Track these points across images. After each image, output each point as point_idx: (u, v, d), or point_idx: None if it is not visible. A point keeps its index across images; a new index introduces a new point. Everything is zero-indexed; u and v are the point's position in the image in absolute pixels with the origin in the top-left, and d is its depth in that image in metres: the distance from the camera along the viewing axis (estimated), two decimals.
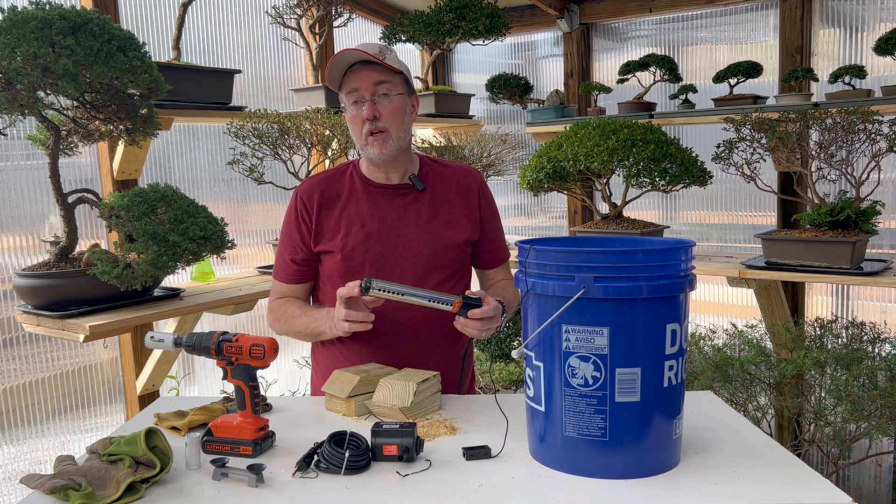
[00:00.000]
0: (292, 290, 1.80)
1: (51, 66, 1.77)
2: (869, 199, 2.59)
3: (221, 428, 1.36)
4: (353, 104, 1.66)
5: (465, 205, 1.78)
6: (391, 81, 1.66)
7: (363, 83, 1.64)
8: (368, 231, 1.72)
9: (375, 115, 1.64)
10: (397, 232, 1.72)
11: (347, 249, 1.71)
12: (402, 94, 1.69)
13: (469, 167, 1.86)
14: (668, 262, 1.20)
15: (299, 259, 1.77)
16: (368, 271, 1.71)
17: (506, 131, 4.08)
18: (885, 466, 3.21)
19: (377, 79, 1.64)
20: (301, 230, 1.76)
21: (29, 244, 2.44)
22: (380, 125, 1.65)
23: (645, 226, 2.99)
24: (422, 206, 1.75)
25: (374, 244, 1.71)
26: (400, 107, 1.68)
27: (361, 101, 1.65)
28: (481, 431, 1.43)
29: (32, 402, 2.47)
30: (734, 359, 2.77)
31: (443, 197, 1.77)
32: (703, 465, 1.25)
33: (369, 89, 1.64)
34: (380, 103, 1.64)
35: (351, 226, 1.73)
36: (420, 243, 1.72)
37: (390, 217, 1.73)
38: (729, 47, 3.52)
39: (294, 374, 3.48)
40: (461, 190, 1.79)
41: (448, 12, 3.39)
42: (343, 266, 1.72)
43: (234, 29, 3.16)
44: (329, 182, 1.78)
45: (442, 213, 1.76)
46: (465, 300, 1.52)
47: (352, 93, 1.65)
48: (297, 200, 1.77)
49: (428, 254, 1.72)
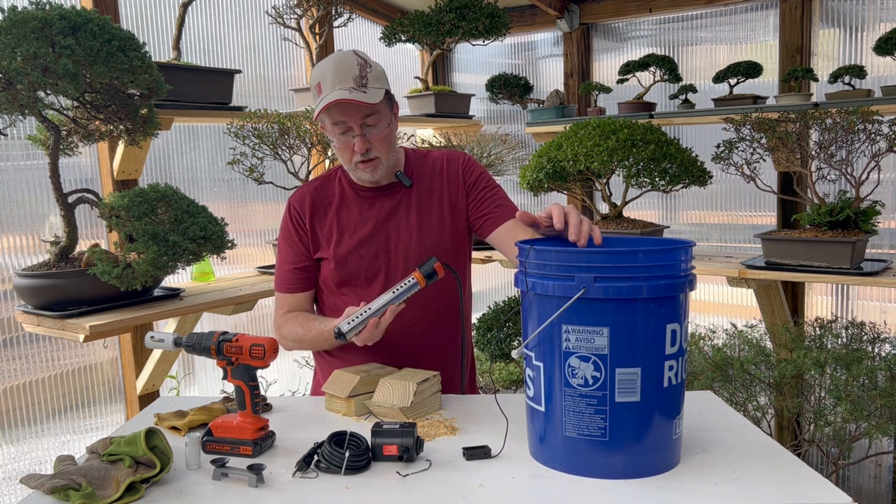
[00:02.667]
0: (297, 299, 1.79)
1: (51, 66, 1.77)
2: (869, 199, 2.59)
3: (221, 428, 1.36)
4: (342, 134, 1.63)
5: (453, 189, 1.76)
6: (378, 112, 1.61)
7: (350, 118, 1.60)
8: (361, 236, 1.72)
9: (368, 147, 1.62)
10: (389, 234, 1.72)
11: (341, 256, 1.72)
12: (389, 119, 1.66)
13: (452, 151, 1.83)
14: (668, 262, 1.20)
15: (302, 266, 1.77)
16: (364, 275, 1.72)
17: (506, 131, 4.08)
18: (885, 466, 3.21)
19: (364, 112, 1.60)
20: (301, 237, 1.76)
21: (29, 244, 2.44)
22: (371, 155, 1.63)
23: (645, 226, 2.99)
24: (411, 203, 1.74)
25: (368, 249, 1.72)
26: (388, 133, 1.65)
27: (349, 132, 1.62)
28: (481, 431, 1.43)
29: (32, 402, 2.47)
30: (734, 359, 2.77)
31: (430, 188, 1.76)
32: (703, 465, 1.25)
33: (357, 123, 1.60)
34: (368, 133, 1.62)
35: (343, 232, 1.73)
36: (410, 243, 1.72)
37: (381, 219, 1.73)
38: (729, 47, 3.52)
39: (294, 374, 3.48)
40: (448, 175, 1.77)
41: (448, 12, 3.40)
42: (338, 273, 1.73)
43: (234, 29, 3.16)
44: (318, 189, 1.78)
45: (433, 206, 1.75)
46: (422, 269, 1.52)
47: (338, 124, 1.62)
48: (290, 210, 1.78)
49: (419, 252, 1.71)
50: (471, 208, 1.77)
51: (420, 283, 1.52)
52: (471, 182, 1.77)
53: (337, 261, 1.72)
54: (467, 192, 1.77)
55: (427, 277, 1.52)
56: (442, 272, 1.53)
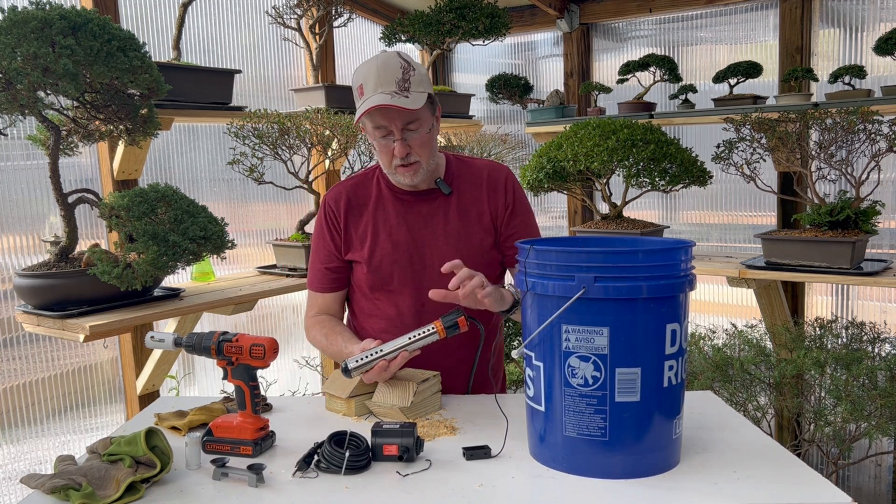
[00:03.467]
0: (327, 300, 1.79)
1: (51, 66, 1.77)
2: (869, 199, 2.59)
3: (221, 428, 1.37)
4: (382, 137, 1.60)
5: (494, 203, 1.73)
6: (419, 118, 1.59)
7: (392, 122, 1.57)
8: (396, 240, 1.70)
9: (408, 151, 1.60)
10: (424, 240, 1.70)
11: (376, 260, 1.70)
12: (431, 124, 1.63)
13: (496, 163, 1.80)
14: (668, 262, 1.20)
15: (333, 266, 1.76)
16: (397, 281, 1.69)
17: (506, 131, 4.08)
18: (885, 466, 3.21)
19: (406, 119, 1.58)
20: (333, 237, 1.75)
21: (29, 244, 2.44)
22: (411, 160, 1.61)
23: (645, 226, 2.99)
24: (449, 211, 1.71)
25: (402, 254, 1.69)
26: (429, 138, 1.63)
27: (390, 136, 1.60)
28: (481, 431, 1.43)
29: (32, 402, 2.47)
30: (734, 359, 2.77)
31: (471, 198, 1.72)
32: (703, 465, 1.25)
33: (398, 128, 1.58)
34: (409, 138, 1.59)
35: (378, 234, 1.71)
36: (448, 250, 1.68)
37: (417, 225, 1.71)
38: (729, 47, 3.52)
39: (294, 374, 3.47)
40: (489, 187, 1.73)
41: (448, 12, 3.40)
42: (372, 277, 1.71)
43: (234, 29, 3.16)
44: (355, 188, 1.76)
45: (471, 216, 1.71)
46: (445, 319, 1.49)
47: (380, 128, 1.59)
48: (325, 208, 1.76)
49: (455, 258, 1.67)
50: (503, 232, 1.73)
51: (440, 335, 1.49)
52: (512, 206, 1.74)
53: (372, 264, 1.70)
54: (508, 216, 1.73)
55: (448, 329, 1.48)
56: (465, 327, 1.49)
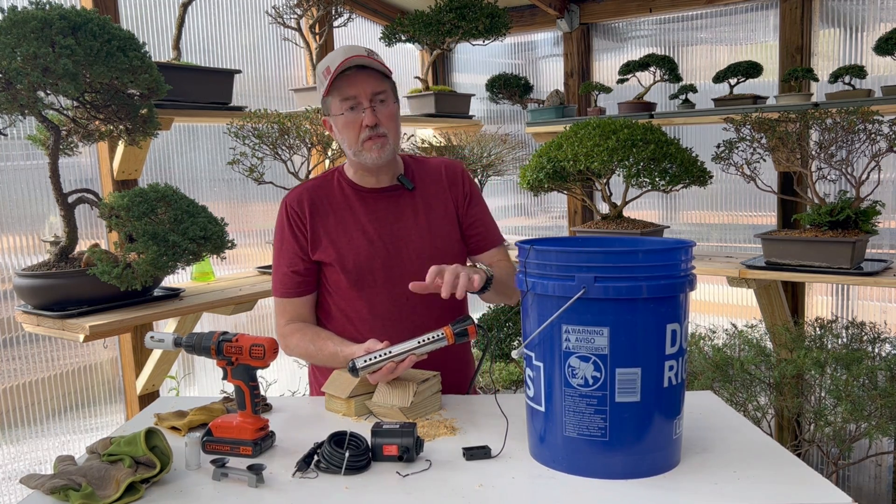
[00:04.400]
0: (297, 305, 1.75)
1: (51, 66, 1.77)
2: (869, 199, 2.58)
3: (221, 428, 1.36)
4: (350, 110, 1.64)
5: (455, 196, 1.79)
6: (386, 90, 1.67)
7: (361, 90, 1.63)
8: (371, 237, 1.70)
9: (377, 121, 1.64)
10: (399, 234, 1.71)
11: (352, 256, 1.69)
12: (395, 100, 1.71)
13: (450, 160, 1.86)
14: (668, 262, 1.20)
15: (300, 269, 1.73)
16: (376, 276, 1.69)
17: (506, 131, 4.08)
18: (885, 466, 3.21)
19: (375, 88, 1.64)
20: (298, 239, 1.73)
21: (29, 244, 2.44)
22: (380, 130, 1.65)
23: (645, 226, 2.99)
24: (416, 205, 1.74)
25: (380, 249, 1.70)
26: (396, 112, 1.70)
27: (358, 107, 1.64)
28: (481, 431, 1.43)
29: (32, 402, 2.47)
30: (734, 359, 2.77)
31: (433, 193, 1.77)
32: (703, 465, 1.25)
33: (367, 96, 1.63)
34: (378, 109, 1.64)
35: (350, 232, 1.71)
36: (422, 242, 1.72)
37: (389, 220, 1.72)
38: (729, 47, 3.52)
39: (294, 374, 3.47)
40: (448, 182, 1.79)
41: (448, 12, 3.40)
42: (348, 274, 1.70)
43: (234, 29, 3.16)
44: (316, 189, 1.76)
45: (437, 211, 1.76)
46: (454, 326, 1.50)
47: (348, 99, 1.64)
48: (286, 210, 1.74)
49: (432, 251, 1.71)
50: (464, 221, 1.80)
51: (449, 341, 1.49)
52: (469, 197, 1.81)
53: (346, 261, 1.69)
54: (467, 206, 1.80)
55: (457, 336, 1.49)
56: (474, 336, 1.50)
